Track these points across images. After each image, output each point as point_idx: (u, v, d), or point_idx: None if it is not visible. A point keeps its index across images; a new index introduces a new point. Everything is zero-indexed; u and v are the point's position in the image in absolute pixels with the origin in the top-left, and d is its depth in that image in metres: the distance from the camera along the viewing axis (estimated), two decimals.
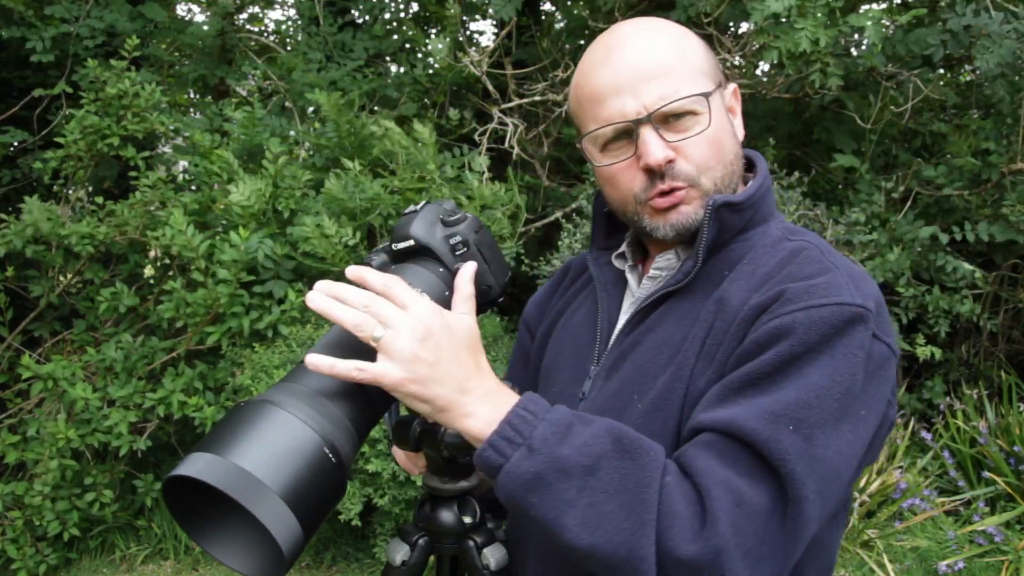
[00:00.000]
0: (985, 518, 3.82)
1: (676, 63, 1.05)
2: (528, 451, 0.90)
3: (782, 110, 5.02)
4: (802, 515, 0.89)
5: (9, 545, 3.70)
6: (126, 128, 4.06)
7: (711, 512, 0.88)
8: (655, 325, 1.09)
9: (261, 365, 3.48)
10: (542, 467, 0.89)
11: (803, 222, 4.24)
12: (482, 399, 0.93)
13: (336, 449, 0.86)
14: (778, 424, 0.90)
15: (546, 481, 0.89)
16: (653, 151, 1.04)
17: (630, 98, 1.04)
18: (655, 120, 1.04)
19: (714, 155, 1.07)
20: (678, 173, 1.05)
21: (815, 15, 3.54)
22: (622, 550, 0.88)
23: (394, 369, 0.89)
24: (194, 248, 3.58)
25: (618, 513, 0.88)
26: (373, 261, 1.10)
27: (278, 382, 0.92)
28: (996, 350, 4.90)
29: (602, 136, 1.08)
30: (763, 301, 0.99)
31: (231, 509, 0.81)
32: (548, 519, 0.90)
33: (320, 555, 3.92)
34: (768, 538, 0.89)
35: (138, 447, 3.77)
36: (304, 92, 4.55)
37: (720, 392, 0.96)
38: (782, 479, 0.89)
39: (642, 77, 1.04)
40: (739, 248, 1.08)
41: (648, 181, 1.06)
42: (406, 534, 1.12)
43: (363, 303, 0.91)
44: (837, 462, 0.92)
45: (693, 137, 1.05)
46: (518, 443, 0.91)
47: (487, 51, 4.65)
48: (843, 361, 0.93)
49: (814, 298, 0.95)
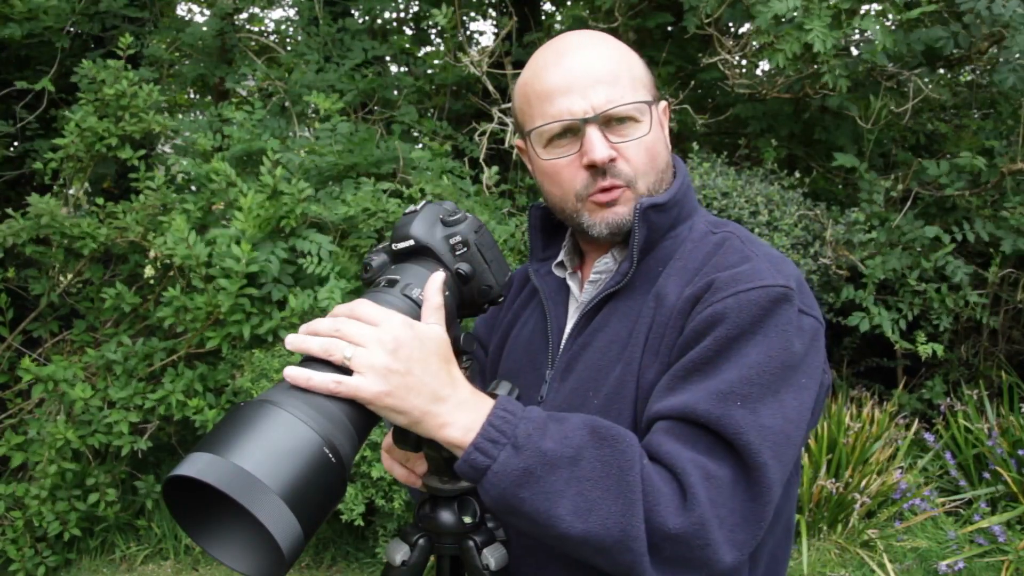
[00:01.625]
0: (986, 518, 3.82)
1: (623, 73, 1.13)
2: (514, 449, 0.93)
3: (782, 110, 5.02)
4: (764, 480, 0.96)
5: (9, 546, 3.70)
6: (124, 129, 4.06)
7: (688, 487, 0.94)
8: (602, 325, 1.16)
9: (261, 369, 3.48)
10: (530, 462, 0.93)
11: (803, 222, 4.24)
12: (458, 407, 0.95)
13: (336, 449, 0.86)
14: (726, 402, 0.97)
15: (535, 475, 0.92)
16: (598, 149, 1.10)
17: (579, 98, 1.10)
18: (600, 121, 1.10)
19: (650, 161, 1.15)
20: (619, 172, 1.12)
21: (820, 17, 3.55)
22: (615, 532, 0.92)
23: (368, 383, 0.90)
24: (195, 256, 3.57)
25: (606, 497, 0.92)
26: (373, 261, 1.10)
27: (278, 382, 0.92)
28: (996, 350, 4.90)
29: (548, 132, 1.13)
30: (695, 292, 1.07)
31: (231, 509, 0.81)
32: (540, 512, 0.92)
33: (320, 555, 3.92)
34: (738, 507, 0.95)
35: (139, 447, 3.77)
36: (303, 94, 4.55)
37: (668, 382, 1.03)
38: (739, 451, 0.96)
39: (592, 80, 1.11)
40: (669, 244, 1.16)
41: (590, 178, 1.13)
42: (406, 534, 1.12)
43: (331, 329, 0.93)
44: (787, 427, 1.00)
45: (633, 141, 1.12)
46: (503, 443, 0.93)
47: (487, 51, 4.65)
48: (775, 338, 1.01)
49: (740, 284, 1.03)
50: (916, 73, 4.25)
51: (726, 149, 4.77)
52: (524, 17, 5.43)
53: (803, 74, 4.30)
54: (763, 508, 0.97)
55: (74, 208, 4.39)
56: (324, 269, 3.63)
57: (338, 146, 4.09)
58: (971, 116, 5.15)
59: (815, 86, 4.32)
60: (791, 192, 4.31)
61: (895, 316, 4.23)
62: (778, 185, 4.32)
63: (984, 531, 3.76)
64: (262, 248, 3.66)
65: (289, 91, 4.63)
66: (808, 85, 4.39)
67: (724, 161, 4.40)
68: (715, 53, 4.40)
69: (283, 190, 3.72)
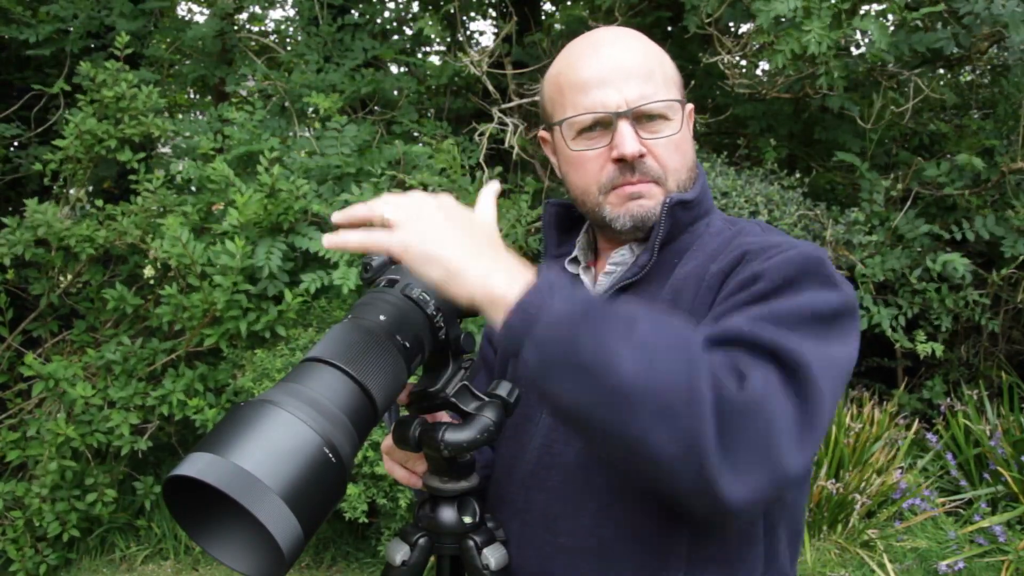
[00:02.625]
0: (986, 518, 3.83)
1: (656, 70, 1.14)
2: (570, 296, 0.86)
3: (782, 110, 5.02)
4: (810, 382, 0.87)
5: (9, 545, 3.70)
6: (123, 132, 4.06)
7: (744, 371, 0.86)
8: None
9: (263, 368, 3.48)
10: (588, 306, 0.85)
11: (803, 222, 4.25)
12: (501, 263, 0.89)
13: (336, 449, 0.86)
14: (759, 323, 0.92)
15: (594, 319, 0.84)
16: (628, 143, 1.10)
17: (613, 91, 1.10)
18: (632, 116, 1.10)
19: (679, 159, 1.15)
20: (648, 169, 1.13)
21: (821, 17, 3.55)
22: (682, 384, 0.81)
23: (402, 232, 0.88)
24: (191, 256, 3.58)
25: (670, 352, 0.83)
26: (373, 261, 1.10)
27: (278, 382, 0.92)
28: (996, 350, 4.91)
29: (579, 123, 1.13)
30: (725, 266, 1.05)
31: (231, 509, 0.81)
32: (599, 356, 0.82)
33: (320, 555, 3.92)
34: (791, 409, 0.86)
35: (139, 448, 3.77)
36: (303, 95, 4.55)
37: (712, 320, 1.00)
38: (779, 355, 0.88)
39: (627, 75, 1.11)
40: (687, 239, 1.16)
41: (618, 172, 1.13)
42: (406, 534, 1.12)
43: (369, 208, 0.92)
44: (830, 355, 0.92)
45: (663, 139, 1.13)
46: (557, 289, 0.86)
47: (487, 51, 4.65)
48: (812, 292, 0.97)
49: (774, 249, 1.02)
50: (916, 73, 4.25)
51: (726, 149, 4.77)
52: (524, 17, 5.43)
53: (803, 74, 4.30)
54: (817, 409, 0.87)
55: (73, 210, 4.39)
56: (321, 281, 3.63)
57: (345, 148, 4.09)
58: (971, 116, 5.16)
59: (815, 86, 4.32)
60: (791, 192, 4.31)
61: (894, 312, 4.23)
62: (778, 185, 4.32)
63: (984, 531, 3.76)
64: (261, 244, 3.66)
65: (289, 91, 4.63)
66: (808, 85, 4.39)
67: (724, 161, 4.40)
68: (715, 53, 4.41)
69: (281, 187, 3.72)
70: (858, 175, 4.42)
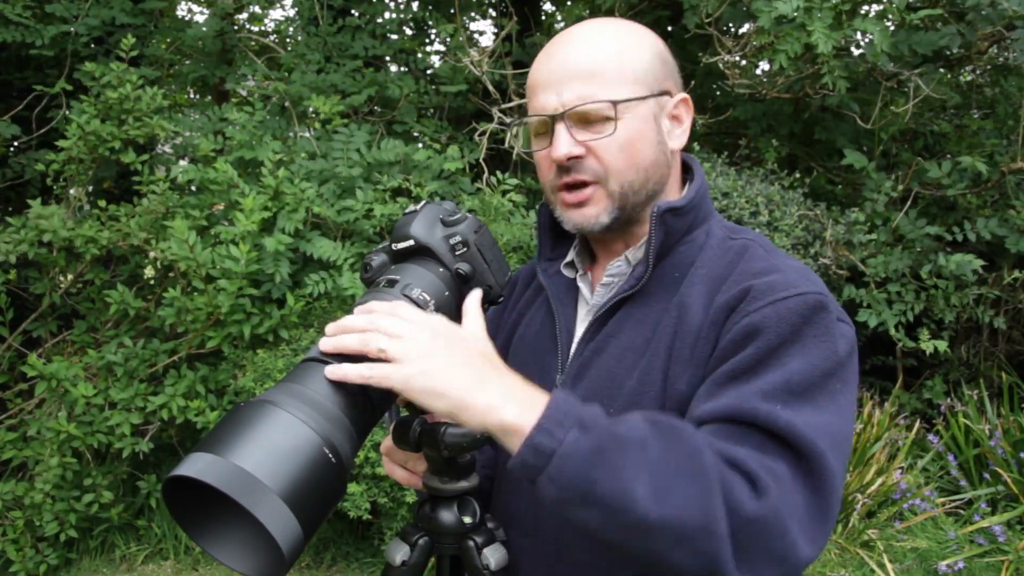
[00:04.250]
0: (986, 518, 3.82)
1: (608, 68, 1.10)
2: (581, 429, 0.87)
3: (782, 110, 5.02)
4: (823, 470, 0.92)
5: (9, 546, 3.70)
6: (127, 132, 4.06)
7: (756, 476, 0.89)
8: (615, 331, 1.13)
9: (264, 368, 3.48)
10: (601, 441, 0.86)
11: (804, 222, 4.24)
12: (508, 392, 0.89)
13: (336, 449, 0.86)
14: (771, 401, 0.94)
15: (607, 454, 0.86)
16: (558, 146, 1.10)
17: (554, 95, 1.10)
18: (569, 118, 1.09)
19: (625, 159, 1.11)
20: (585, 168, 1.11)
21: (822, 18, 3.55)
22: (697, 514, 0.85)
23: (400, 369, 0.88)
24: (196, 259, 3.58)
25: (684, 480, 0.86)
26: (373, 261, 1.10)
27: (278, 382, 0.92)
28: (996, 350, 4.91)
29: (532, 126, 1.16)
30: (729, 300, 1.04)
31: (231, 509, 0.81)
32: (616, 493, 0.84)
33: (320, 555, 3.92)
34: (802, 501, 0.91)
35: (140, 449, 3.77)
36: (303, 96, 4.55)
37: (708, 388, 1.00)
38: (792, 444, 0.92)
39: (568, 76, 1.10)
40: (686, 250, 1.14)
41: (556, 174, 1.13)
42: (406, 534, 1.12)
43: (366, 323, 0.91)
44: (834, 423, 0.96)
45: (603, 139, 1.10)
46: (568, 424, 0.87)
47: (487, 51, 4.65)
48: (814, 347, 0.98)
49: (778, 292, 1.01)
50: (917, 73, 4.25)
51: (726, 149, 4.77)
52: (524, 17, 5.43)
53: (803, 74, 4.30)
54: (828, 499, 0.92)
55: (74, 210, 4.39)
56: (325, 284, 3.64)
57: (352, 154, 4.08)
58: (971, 116, 5.16)
59: (815, 86, 4.32)
60: (791, 192, 4.31)
61: (901, 308, 4.23)
62: (778, 185, 4.32)
63: (984, 531, 3.76)
64: (265, 253, 3.67)
65: (289, 92, 4.63)
66: (808, 85, 4.39)
67: (724, 161, 4.40)
68: (715, 53, 4.41)
69: (284, 190, 3.72)
70: (865, 173, 4.41)
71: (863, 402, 4.42)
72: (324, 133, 4.36)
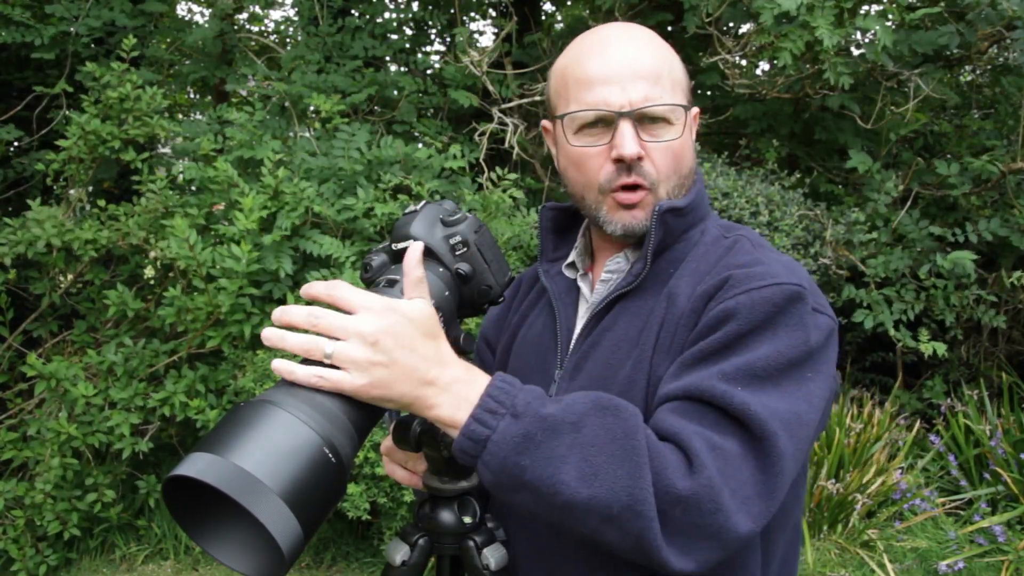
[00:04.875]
0: (986, 518, 3.82)
1: (665, 72, 1.12)
2: (513, 417, 0.91)
3: (782, 110, 5.02)
4: (773, 450, 0.94)
5: (10, 545, 3.70)
6: (127, 132, 4.06)
7: (694, 454, 0.92)
8: (611, 324, 1.15)
9: (264, 369, 3.48)
10: (530, 427, 0.90)
11: (804, 222, 4.24)
12: (448, 387, 0.92)
13: (336, 449, 0.86)
14: (731, 382, 0.96)
15: (535, 440, 0.90)
16: (628, 144, 1.09)
17: (618, 90, 1.09)
18: (635, 117, 1.09)
19: (675, 166, 1.14)
20: (644, 172, 1.12)
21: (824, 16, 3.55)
22: (623, 496, 0.89)
23: (351, 377, 0.88)
24: (196, 258, 3.57)
25: (612, 462, 0.90)
26: (373, 261, 1.10)
27: (278, 382, 0.92)
28: (996, 350, 4.91)
29: (581, 119, 1.12)
30: (708, 289, 1.07)
31: (231, 509, 0.81)
32: (543, 479, 0.90)
33: (320, 555, 3.92)
34: (748, 478, 0.93)
35: (140, 449, 3.77)
36: (303, 96, 4.55)
37: (675, 369, 1.03)
38: (746, 423, 0.94)
39: (633, 74, 1.10)
40: (682, 247, 1.16)
41: (615, 172, 1.12)
42: (406, 534, 1.12)
43: (307, 319, 0.90)
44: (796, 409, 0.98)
45: (663, 143, 1.12)
46: (501, 412, 0.91)
47: (487, 51, 4.65)
48: (785, 336, 1.00)
49: (754, 281, 1.03)
50: (917, 73, 4.25)
51: (726, 149, 4.77)
52: (524, 17, 5.43)
53: (803, 74, 4.30)
54: (775, 479, 0.94)
55: (76, 211, 4.39)
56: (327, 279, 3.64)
57: (354, 153, 4.08)
58: (971, 116, 5.16)
59: (815, 86, 4.32)
60: (791, 192, 4.31)
61: (901, 307, 4.22)
62: (778, 185, 4.32)
63: (984, 531, 3.76)
64: (267, 252, 3.66)
65: (289, 92, 4.63)
66: (808, 85, 4.39)
67: (725, 161, 4.40)
68: (715, 53, 4.41)
69: (284, 190, 3.72)
70: (868, 174, 4.41)
71: (863, 402, 4.42)
72: (324, 133, 4.36)
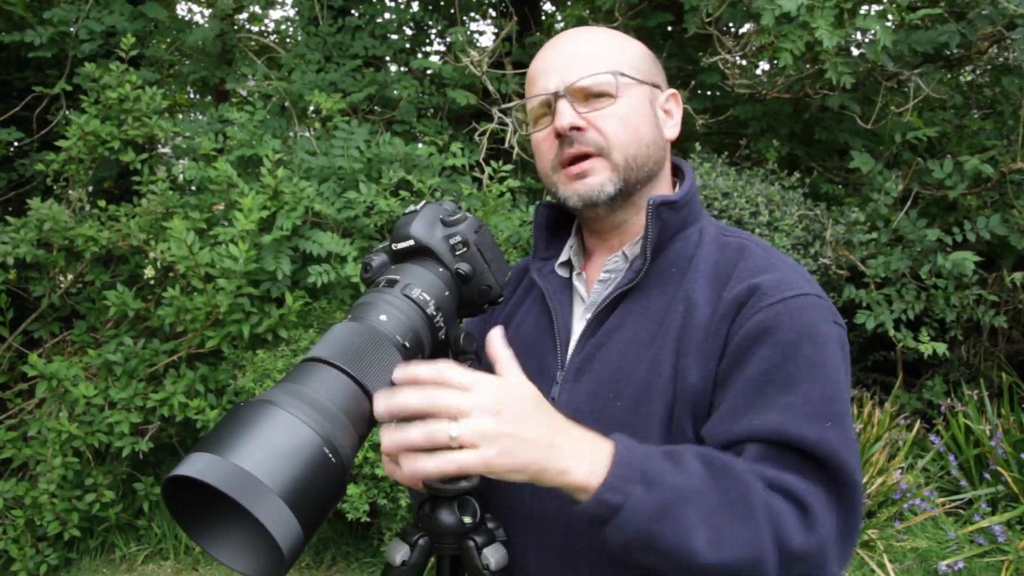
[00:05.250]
0: (986, 518, 3.82)
1: (608, 54, 1.16)
2: (646, 486, 0.91)
3: (782, 110, 5.02)
4: (856, 495, 0.98)
5: (10, 545, 3.70)
6: (127, 133, 4.05)
7: (809, 508, 0.95)
8: (618, 325, 1.14)
9: (264, 369, 3.48)
10: (663, 497, 0.91)
11: (804, 222, 4.24)
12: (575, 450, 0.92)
13: (336, 449, 0.85)
14: (818, 423, 0.98)
15: (670, 509, 0.91)
16: (561, 117, 1.13)
17: (555, 76, 1.15)
18: (571, 93, 1.14)
19: (627, 133, 1.15)
20: (587, 140, 1.14)
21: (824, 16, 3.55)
22: (748, 557, 0.92)
23: (480, 452, 0.86)
24: (194, 258, 3.57)
25: (736, 524, 0.92)
26: (373, 261, 1.10)
27: (278, 382, 0.92)
28: (996, 350, 4.91)
29: (532, 110, 1.19)
30: (738, 296, 1.07)
31: (231, 509, 0.81)
32: (678, 546, 0.91)
33: (320, 555, 3.92)
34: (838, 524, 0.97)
35: (140, 449, 3.77)
36: (303, 95, 4.55)
37: (743, 399, 1.02)
38: (836, 470, 0.97)
39: (570, 61, 1.15)
40: (680, 246, 1.17)
41: (559, 147, 1.15)
42: (406, 534, 1.12)
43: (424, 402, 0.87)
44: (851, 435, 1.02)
45: (605, 111, 1.14)
46: (634, 480, 0.91)
47: (487, 51, 4.65)
48: (829, 348, 1.03)
49: (786, 291, 1.05)
50: (917, 73, 4.25)
51: (726, 149, 4.77)
52: (524, 17, 5.43)
53: (804, 74, 4.30)
54: (857, 520, 0.99)
55: (76, 211, 4.39)
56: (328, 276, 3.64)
57: (353, 151, 4.08)
58: (971, 116, 5.16)
59: (816, 86, 4.32)
60: (791, 192, 4.31)
61: (902, 307, 4.22)
62: (778, 185, 4.32)
63: (984, 531, 3.76)
64: (266, 253, 3.66)
65: (289, 92, 4.63)
66: (808, 85, 4.39)
67: (724, 161, 4.40)
68: (715, 53, 4.41)
69: (284, 189, 3.72)
70: (870, 174, 4.41)
71: (863, 402, 4.42)
72: (324, 132, 4.36)
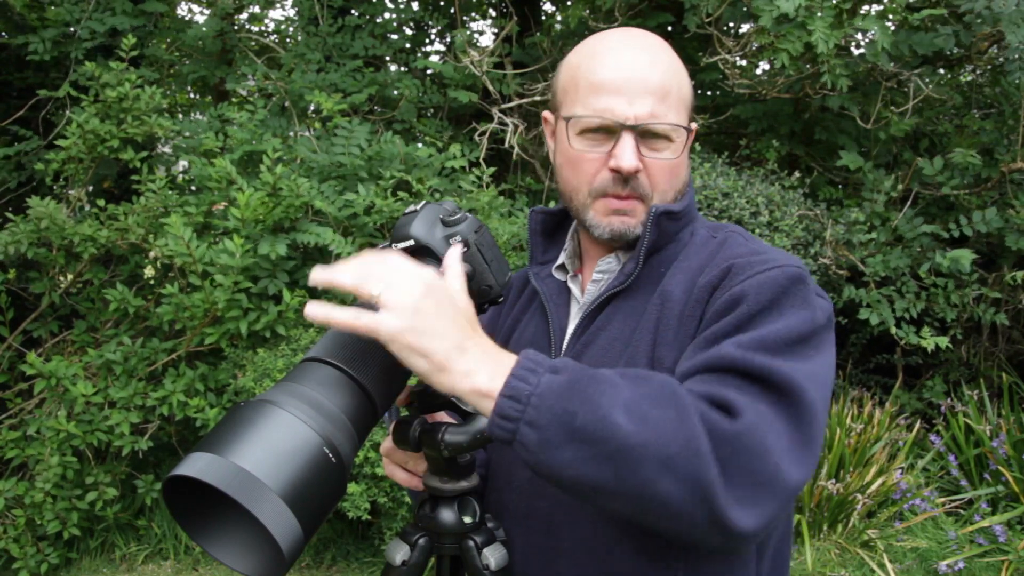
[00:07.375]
0: (986, 518, 3.82)
1: (673, 90, 1.14)
2: (553, 372, 0.89)
3: (782, 110, 5.02)
4: (804, 400, 0.93)
5: (11, 544, 3.71)
6: (126, 132, 4.06)
7: (731, 403, 0.91)
8: (604, 324, 1.16)
9: (264, 368, 3.48)
10: (574, 376, 0.89)
11: (804, 222, 4.24)
12: (483, 356, 0.90)
13: (336, 449, 0.86)
14: (747, 349, 0.96)
15: (581, 386, 0.88)
16: (627, 157, 1.11)
17: (625, 102, 1.11)
18: (638, 131, 1.12)
19: (670, 182, 1.17)
20: (638, 185, 1.14)
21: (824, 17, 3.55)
22: (678, 435, 0.86)
23: (392, 318, 0.86)
24: (192, 254, 3.57)
25: (658, 406, 0.88)
26: None
27: (278, 382, 0.92)
28: (996, 350, 4.90)
29: (585, 123, 1.14)
30: (711, 279, 1.08)
31: (231, 509, 0.81)
32: (595, 421, 0.86)
33: (320, 555, 3.92)
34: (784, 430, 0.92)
35: (140, 448, 3.77)
36: (304, 94, 4.55)
37: (690, 352, 1.03)
38: (771, 382, 0.94)
39: (644, 89, 1.11)
40: (672, 248, 1.18)
41: (610, 182, 1.14)
42: (406, 534, 1.12)
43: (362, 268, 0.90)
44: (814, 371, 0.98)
45: (661, 160, 1.14)
46: (540, 371, 0.89)
47: (487, 51, 4.65)
48: (792, 314, 1.01)
49: (757, 266, 1.05)
50: (917, 73, 4.25)
51: (726, 149, 4.77)
52: (524, 17, 5.43)
53: (803, 74, 4.30)
54: (811, 427, 0.94)
55: (76, 210, 4.39)
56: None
57: (354, 149, 4.08)
58: (971, 116, 5.16)
59: (815, 86, 4.32)
60: (791, 192, 4.31)
61: (903, 305, 4.22)
62: (778, 185, 4.32)
63: (984, 531, 3.76)
64: (263, 243, 3.66)
65: (290, 91, 4.63)
66: (808, 85, 4.39)
67: (725, 161, 4.40)
68: (715, 53, 4.41)
69: (282, 186, 3.72)
70: (860, 172, 4.41)
71: (863, 402, 4.42)
72: (324, 132, 4.36)
